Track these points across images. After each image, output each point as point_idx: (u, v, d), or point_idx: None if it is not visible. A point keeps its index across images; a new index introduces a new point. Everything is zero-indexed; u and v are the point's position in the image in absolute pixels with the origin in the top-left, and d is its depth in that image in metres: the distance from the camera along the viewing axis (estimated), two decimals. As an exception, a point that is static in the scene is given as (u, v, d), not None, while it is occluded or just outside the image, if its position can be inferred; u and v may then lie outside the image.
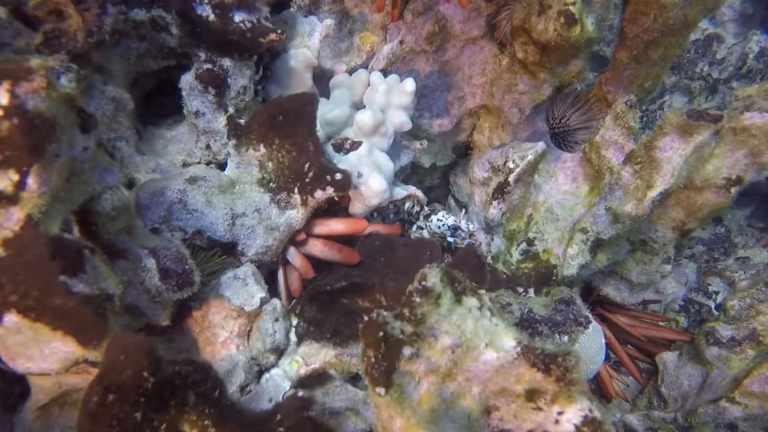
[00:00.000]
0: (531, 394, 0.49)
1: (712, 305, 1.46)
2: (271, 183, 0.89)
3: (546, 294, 1.05)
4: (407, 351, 0.49)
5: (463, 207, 1.26)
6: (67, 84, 0.58)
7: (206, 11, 0.84)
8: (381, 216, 1.07)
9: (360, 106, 1.04)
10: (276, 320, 0.80)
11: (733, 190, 0.95)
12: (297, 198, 0.88)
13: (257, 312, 0.80)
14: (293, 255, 0.93)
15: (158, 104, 0.98)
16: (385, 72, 1.05)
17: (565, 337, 0.88)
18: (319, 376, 0.79)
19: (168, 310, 0.72)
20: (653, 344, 1.17)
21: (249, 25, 0.86)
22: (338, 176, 0.86)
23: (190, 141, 0.94)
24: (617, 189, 1.00)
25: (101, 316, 0.58)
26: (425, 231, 1.09)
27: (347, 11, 1.10)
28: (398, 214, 1.09)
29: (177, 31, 0.85)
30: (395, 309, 0.50)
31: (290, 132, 0.87)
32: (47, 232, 0.55)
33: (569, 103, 1.16)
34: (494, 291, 0.99)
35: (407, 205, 1.08)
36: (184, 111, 0.91)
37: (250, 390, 0.78)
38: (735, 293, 1.07)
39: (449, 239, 1.08)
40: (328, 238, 0.93)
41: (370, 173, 0.95)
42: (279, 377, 0.79)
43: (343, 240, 0.94)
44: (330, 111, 1.01)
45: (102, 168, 0.68)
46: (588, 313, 0.93)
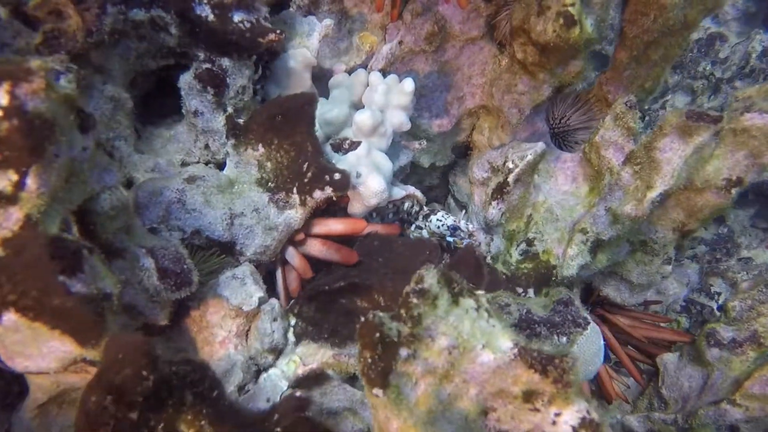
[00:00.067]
0: (528, 396, 0.49)
1: (714, 306, 1.45)
2: (270, 183, 0.89)
3: (545, 295, 1.05)
4: (404, 352, 0.49)
5: (463, 207, 1.26)
6: (67, 84, 0.58)
7: (205, 11, 0.84)
8: (380, 216, 1.07)
9: (359, 106, 1.04)
10: (274, 320, 0.80)
11: (734, 191, 0.95)
12: (296, 198, 0.88)
13: (255, 312, 0.80)
14: (292, 255, 0.93)
15: (157, 104, 0.98)
16: (385, 72, 1.05)
17: (564, 339, 0.88)
18: (317, 377, 0.79)
19: (166, 310, 0.72)
20: (654, 345, 1.17)
21: (248, 25, 0.86)
22: (337, 176, 0.86)
23: (189, 140, 0.94)
24: (617, 189, 1.00)
25: (99, 316, 0.58)
26: (424, 231, 1.09)
27: (346, 11, 1.10)
28: (397, 214, 1.09)
29: (176, 31, 0.86)
30: (393, 309, 0.50)
31: (289, 132, 0.87)
32: (46, 232, 0.55)
33: (569, 103, 1.16)
34: (493, 291, 0.99)
35: (406, 205, 1.08)
36: (183, 110, 0.92)
37: (248, 390, 0.78)
38: (736, 294, 1.07)
39: (448, 239, 1.08)
40: (327, 238, 0.93)
41: (369, 173, 0.94)
42: (277, 377, 0.79)
43: (342, 240, 0.94)
44: (329, 111, 1.01)
45: (101, 168, 0.68)
46: (586, 315, 0.93)
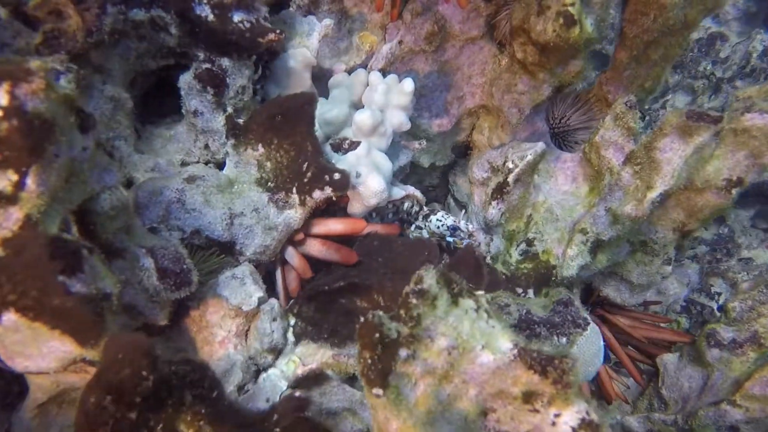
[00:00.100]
0: (528, 397, 0.49)
1: (715, 306, 1.45)
2: (270, 183, 0.89)
3: (545, 295, 1.05)
4: (403, 352, 0.49)
5: (463, 207, 1.26)
6: (67, 85, 0.58)
7: (205, 11, 0.84)
8: (380, 216, 1.07)
9: (359, 106, 1.04)
10: (274, 320, 0.80)
11: (734, 192, 0.95)
12: (295, 198, 0.88)
13: (255, 312, 0.80)
14: (291, 255, 0.93)
15: (157, 103, 0.98)
16: (384, 72, 1.05)
17: (564, 339, 0.87)
18: (317, 377, 0.79)
19: (166, 310, 0.72)
20: (654, 345, 1.17)
21: (248, 25, 0.86)
22: (337, 176, 0.86)
23: (189, 140, 0.94)
24: (617, 190, 0.99)
25: (99, 316, 0.58)
26: (424, 231, 1.09)
27: (346, 11, 1.10)
28: (397, 214, 1.09)
29: (176, 31, 0.86)
30: (393, 309, 0.50)
31: (289, 132, 0.87)
32: (46, 232, 0.55)
33: (569, 103, 1.16)
34: (493, 292, 0.99)
35: (406, 205, 1.08)
36: (183, 110, 0.92)
37: (248, 390, 0.78)
38: (737, 295, 1.07)
39: (448, 239, 1.08)
40: (327, 238, 0.93)
41: (369, 173, 0.94)
42: (276, 377, 0.79)
43: (342, 240, 0.94)
44: (329, 111, 1.01)
45: (101, 168, 0.68)
46: (586, 315, 0.93)
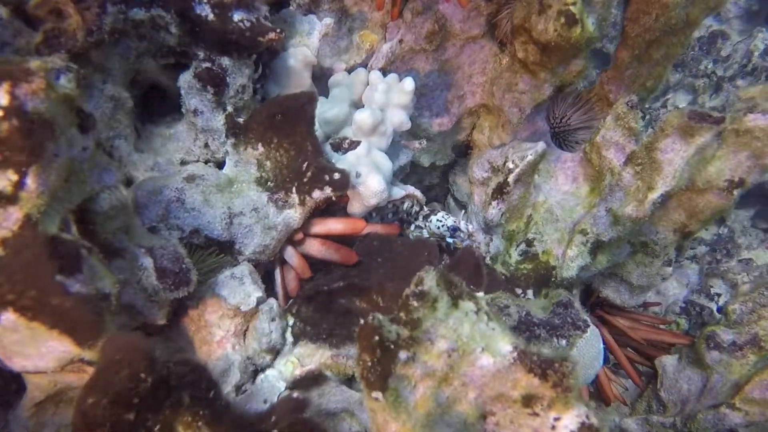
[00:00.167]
0: (527, 400, 0.49)
1: (714, 307, 1.44)
2: (269, 182, 0.88)
3: (545, 296, 1.04)
4: (403, 355, 0.49)
5: (463, 207, 1.25)
6: (67, 84, 0.58)
7: (205, 10, 0.84)
8: (380, 216, 1.06)
9: (359, 105, 1.03)
10: (272, 320, 0.80)
11: (736, 192, 0.94)
12: (295, 197, 0.88)
13: (254, 311, 0.80)
14: (291, 254, 0.93)
15: (157, 103, 0.98)
16: (385, 71, 1.05)
17: (563, 341, 0.87)
18: (315, 377, 0.79)
19: (164, 309, 0.72)
20: (653, 347, 1.17)
21: (248, 24, 0.85)
22: (336, 176, 0.86)
23: (189, 139, 0.94)
24: (618, 190, 0.99)
25: (97, 316, 0.58)
26: (424, 231, 1.09)
27: (347, 9, 1.10)
28: (397, 214, 1.09)
29: (176, 30, 0.85)
30: (393, 310, 0.50)
31: (289, 131, 0.87)
32: (45, 232, 0.55)
33: (570, 103, 1.15)
34: (492, 292, 0.98)
35: (406, 205, 1.08)
36: (183, 109, 0.91)
37: (246, 390, 0.78)
38: (737, 297, 1.06)
39: (448, 240, 1.07)
40: (326, 238, 0.93)
41: (369, 173, 0.94)
42: (274, 378, 0.79)
43: (341, 240, 0.94)
44: (329, 110, 1.01)
45: (100, 167, 0.68)
46: (586, 317, 0.93)
